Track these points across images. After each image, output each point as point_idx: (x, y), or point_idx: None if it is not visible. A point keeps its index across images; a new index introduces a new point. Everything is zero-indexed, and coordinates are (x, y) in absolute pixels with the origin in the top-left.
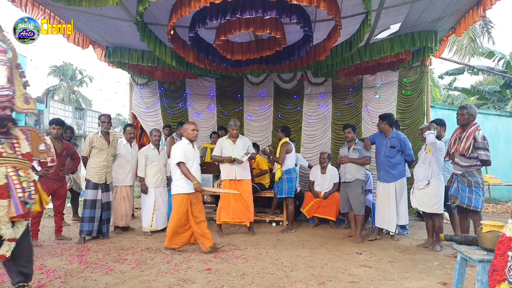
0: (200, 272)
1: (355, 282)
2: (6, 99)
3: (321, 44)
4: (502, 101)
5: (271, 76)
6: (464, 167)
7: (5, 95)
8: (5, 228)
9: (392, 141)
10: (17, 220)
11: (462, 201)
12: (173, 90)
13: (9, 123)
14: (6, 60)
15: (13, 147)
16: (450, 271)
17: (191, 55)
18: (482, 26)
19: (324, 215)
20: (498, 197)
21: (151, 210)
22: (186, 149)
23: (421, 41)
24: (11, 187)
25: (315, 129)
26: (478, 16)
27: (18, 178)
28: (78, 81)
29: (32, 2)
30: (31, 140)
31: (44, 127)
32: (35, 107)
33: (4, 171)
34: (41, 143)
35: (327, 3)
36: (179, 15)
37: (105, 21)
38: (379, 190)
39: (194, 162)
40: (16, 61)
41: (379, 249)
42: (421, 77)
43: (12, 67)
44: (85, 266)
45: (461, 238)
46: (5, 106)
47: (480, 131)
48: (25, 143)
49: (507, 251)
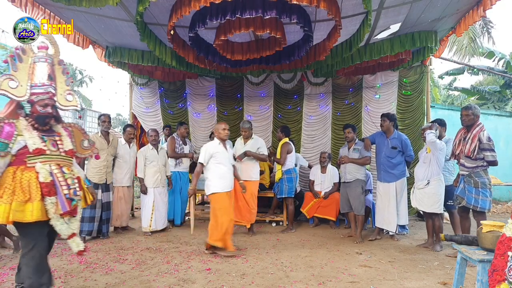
0: (200, 272)
1: (355, 282)
2: (47, 96)
3: (321, 44)
4: (502, 101)
5: (271, 76)
6: (471, 168)
7: (45, 93)
8: (60, 224)
9: (394, 142)
10: (68, 216)
11: (468, 202)
12: (173, 90)
13: (51, 120)
14: (47, 56)
15: (56, 145)
16: (450, 271)
17: (191, 55)
18: (482, 26)
19: (324, 215)
20: (498, 197)
21: (150, 210)
22: (216, 149)
23: (421, 41)
24: (56, 185)
25: (315, 129)
26: (478, 16)
27: (62, 175)
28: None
29: (32, 2)
30: (74, 137)
31: None
32: (77, 104)
33: (49, 169)
34: (84, 140)
35: (327, 3)
36: (179, 15)
37: (105, 21)
38: (379, 190)
39: (226, 162)
40: (59, 57)
41: (379, 249)
42: (421, 77)
43: (53, 64)
44: (85, 266)
45: (461, 238)
46: (46, 103)
47: (485, 131)
48: (68, 140)
49: (507, 251)
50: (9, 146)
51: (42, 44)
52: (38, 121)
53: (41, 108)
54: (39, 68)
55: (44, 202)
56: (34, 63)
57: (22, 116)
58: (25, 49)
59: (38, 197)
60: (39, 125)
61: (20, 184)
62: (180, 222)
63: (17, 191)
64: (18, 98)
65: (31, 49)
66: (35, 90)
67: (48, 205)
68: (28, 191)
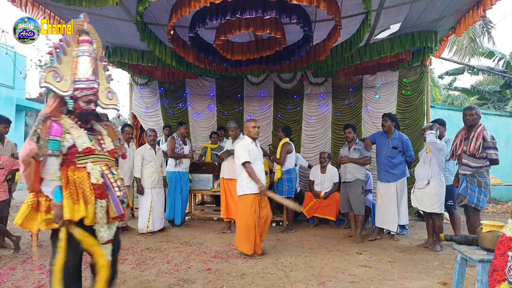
0: (200, 272)
1: (355, 282)
2: (91, 92)
3: (321, 44)
4: (502, 101)
5: (271, 76)
6: (475, 168)
7: (90, 88)
8: (103, 230)
9: (395, 142)
10: (113, 221)
11: (471, 201)
12: (173, 90)
13: (94, 118)
14: (91, 50)
15: (100, 144)
16: (450, 271)
17: (191, 55)
18: (482, 26)
19: (324, 215)
20: (498, 197)
21: (147, 211)
22: (250, 148)
23: (421, 41)
24: (109, 186)
25: (315, 129)
26: (478, 16)
27: (112, 176)
28: None
29: (32, 2)
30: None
31: None
32: (117, 103)
33: (100, 170)
34: (116, 139)
35: (327, 3)
36: (179, 15)
37: (105, 21)
38: (380, 190)
39: (259, 162)
40: (100, 53)
41: (379, 249)
42: (421, 77)
43: (97, 59)
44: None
45: (461, 238)
46: (89, 100)
47: (487, 131)
48: (109, 140)
49: (507, 251)
50: (62, 144)
51: (85, 38)
52: (81, 118)
53: (84, 104)
54: (83, 62)
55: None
56: (77, 56)
57: (64, 113)
58: (69, 41)
59: (92, 199)
60: (82, 122)
61: (74, 186)
62: (180, 222)
63: (73, 194)
64: (62, 92)
65: (75, 42)
66: (78, 85)
67: (98, 208)
68: (82, 193)
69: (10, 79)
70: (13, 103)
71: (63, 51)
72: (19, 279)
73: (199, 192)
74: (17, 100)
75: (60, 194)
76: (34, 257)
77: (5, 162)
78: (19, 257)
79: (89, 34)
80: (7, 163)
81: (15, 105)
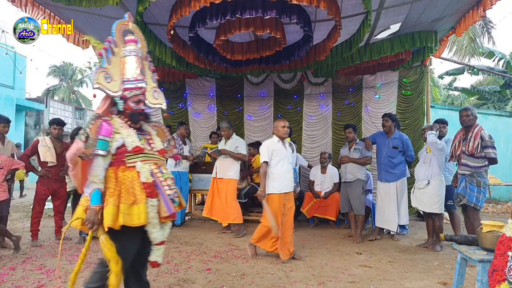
0: (200, 272)
1: (355, 282)
2: (139, 92)
3: (321, 44)
4: (502, 101)
5: (271, 76)
6: (474, 167)
7: (138, 88)
8: (156, 230)
9: (395, 142)
10: (165, 221)
11: (470, 200)
12: (173, 90)
13: (143, 118)
14: (138, 50)
15: (149, 144)
16: (450, 271)
17: (191, 55)
18: (482, 26)
19: (324, 215)
20: (498, 197)
21: None
22: (275, 147)
23: (421, 41)
24: (158, 185)
25: (316, 129)
26: (478, 16)
27: (162, 175)
28: (78, 81)
29: (32, 2)
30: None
31: (44, 127)
32: (163, 102)
33: (149, 168)
34: (166, 140)
35: (327, 3)
36: (179, 15)
37: (105, 21)
38: (380, 190)
39: (285, 161)
40: (146, 52)
41: (379, 249)
42: (421, 77)
43: (143, 58)
44: (85, 266)
45: (461, 238)
46: (139, 99)
47: (485, 130)
48: (158, 139)
49: (507, 251)
50: (109, 144)
51: (131, 37)
52: (131, 118)
53: (134, 104)
54: (130, 62)
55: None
56: (124, 57)
57: (114, 113)
58: (116, 42)
59: (143, 199)
60: (132, 122)
61: (124, 186)
62: (180, 222)
63: (123, 193)
64: (112, 93)
65: (122, 42)
66: (127, 86)
67: (149, 207)
68: (133, 192)
69: (10, 79)
70: (13, 103)
71: (112, 52)
72: (19, 279)
73: (199, 192)
74: (17, 100)
75: (97, 198)
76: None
77: (4, 162)
78: (19, 257)
79: (134, 34)
80: (6, 163)
81: (15, 105)
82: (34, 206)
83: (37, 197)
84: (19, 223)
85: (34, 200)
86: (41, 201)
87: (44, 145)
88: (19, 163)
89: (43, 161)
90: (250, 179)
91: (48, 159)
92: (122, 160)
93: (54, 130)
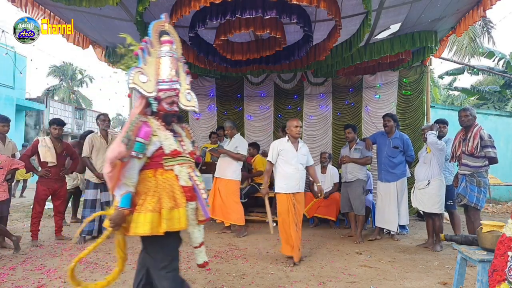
0: (200, 272)
1: (355, 282)
2: (174, 93)
3: (321, 44)
4: (502, 101)
5: (271, 76)
6: (475, 167)
7: (172, 89)
8: (196, 231)
9: (396, 142)
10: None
11: (470, 200)
12: None
13: (175, 120)
14: (173, 51)
15: (181, 146)
16: (450, 271)
17: (191, 55)
18: (482, 26)
19: (324, 215)
20: (498, 197)
21: None
22: (283, 147)
23: (421, 41)
24: (196, 189)
25: (316, 129)
26: (478, 16)
27: (198, 178)
28: (78, 81)
29: (32, 2)
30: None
31: (44, 127)
32: (195, 105)
33: (186, 172)
34: (192, 141)
35: (327, 3)
36: (179, 15)
37: (105, 21)
38: (380, 190)
39: (293, 162)
40: (180, 53)
41: (379, 249)
42: (421, 77)
43: (177, 60)
44: (85, 266)
45: (461, 238)
46: (173, 101)
47: (484, 130)
48: (187, 141)
49: (507, 251)
50: (146, 147)
51: (167, 38)
52: (165, 119)
53: (168, 106)
54: (165, 63)
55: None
56: (159, 57)
57: (148, 114)
58: (152, 42)
59: (184, 203)
60: (165, 124)
61: (165, 189)
62: None
63: (164, 197)
64: (147, 93)
65: (158, 42)
66: (162, 86)
67: (189, 211)
68: (173, 196)
69: (10, 79)
70: (13, 103)
71: (148, 52)
72: (19, 279)
73: None
74: (17, 100)
75: (128, 201)
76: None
77: (4, 162)
78: (19, 257)
79: (170, 35)
80: (6, 162)
81: (15, 105)
82: (34, 206)
83: (37, 197)
84: (19, 223)
85: (34, 200)
86: (41, 201)
87: (44, 145)
88: (19, 162)
89: (43, 161)
90: (250, 179)
91: (48, 159)
92: (160, 163)
93: (54, 130)
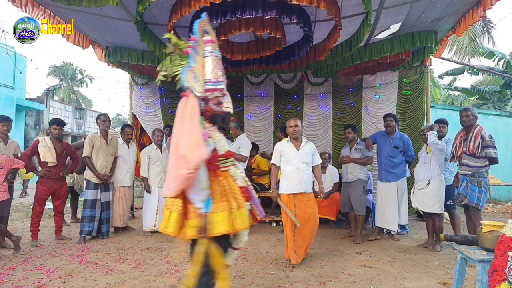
0: None
1: (355, 282)
2: (220, 93)
3: (321, 44)
4: (502, 101)
5: (271, 76)
6: (475, 167)
7: (219, 89)
8: (246, 233)
9: (396, 142)
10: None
11: (471, 200)
12: (173, 90)
13: (221, 120)
14: (217, 51)
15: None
16: (450, 271)
17: None
18: (482, 26)
19: (324, 215)
20: (498, 197)
21: (154, 210)
22: (283, 148)
23: (421, 41)
24: (249, 189)
25: (316, 129)
26: (478, 16)
27: (247, 179)
28: (78, 81)
29: (32, 2)
30: None
31: (44, 127)
32: (231, 106)
33: (240, 172)
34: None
35: (327, 3)
36: (179, 15)
37: (105, 21)
38: (380, 190)
39: (294, 162)
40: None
41: (379, 249)
42: (421, 77)
43: (219, 60)
44: (85, 266)
45: (461, 238)
46: (219, 101)
47: (485, 130)
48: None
49: (507, 251)
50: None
51: (209, 38)
52: (213, 120)
53: (215, 106)
54: (211, 62)
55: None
56: (205, 57)
57: None
58: (198, 41)
59: (243, 203)
60: (213, 124)
61: (228, 191)
62: None
63: (230, 198)
64: (198, 93)
65: (202, 42)
66: (208, 86)
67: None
68: (235, 197)
69: (10, 79)
70: (13, 103)
71: (196, 51)
72: (19, 279)
73: None
74: (17, 100)
75: (209, 205)
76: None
77: (4, 162)
78: (19, 257)
79: (210, 34)
80: (6, 162)
81: (15, 105)
82: (34, 206)
83: (37, 197)
84: (19, 223)
85: (34, 200)
86: (41, 201)
87: (44, 145)
88: (19, 162)
89: (43, 161)
90: (250, 179)
91: (48, 159)
92: (216, 165)
93: (54, 130)
